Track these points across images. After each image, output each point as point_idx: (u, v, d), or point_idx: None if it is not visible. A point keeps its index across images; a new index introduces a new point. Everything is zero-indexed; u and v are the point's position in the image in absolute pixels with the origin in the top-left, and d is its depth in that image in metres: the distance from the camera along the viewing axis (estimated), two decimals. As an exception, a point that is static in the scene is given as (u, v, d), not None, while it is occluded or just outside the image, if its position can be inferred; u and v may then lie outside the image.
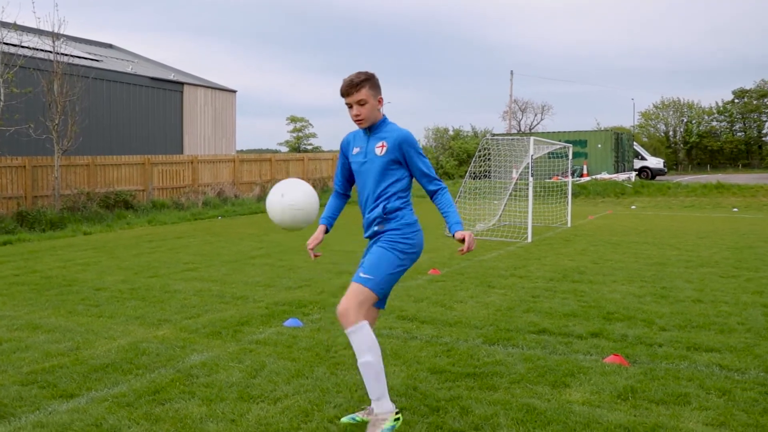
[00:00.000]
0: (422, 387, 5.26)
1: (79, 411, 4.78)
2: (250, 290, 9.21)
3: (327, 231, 4.73)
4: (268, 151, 70.53)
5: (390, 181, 4.37)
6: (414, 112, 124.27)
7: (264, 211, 23.40)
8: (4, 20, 19.94)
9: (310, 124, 76.29)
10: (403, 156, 4.35)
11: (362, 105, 4.31)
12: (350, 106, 4.34)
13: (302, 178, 26.96)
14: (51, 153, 20.65)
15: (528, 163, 16.82)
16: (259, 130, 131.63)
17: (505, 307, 8.14)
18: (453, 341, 6.59)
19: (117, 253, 13.35)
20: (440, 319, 7.49)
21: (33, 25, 21.51)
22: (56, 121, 20.30)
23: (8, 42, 20.05)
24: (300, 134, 75.24)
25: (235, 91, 34.07)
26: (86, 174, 21.67)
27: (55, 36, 20.96)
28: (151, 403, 4.88)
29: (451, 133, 44.18)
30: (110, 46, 37.05)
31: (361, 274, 4.23)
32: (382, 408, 4.17)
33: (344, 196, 4.83)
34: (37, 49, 21.14)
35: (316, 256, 4.73)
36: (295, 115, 76.49)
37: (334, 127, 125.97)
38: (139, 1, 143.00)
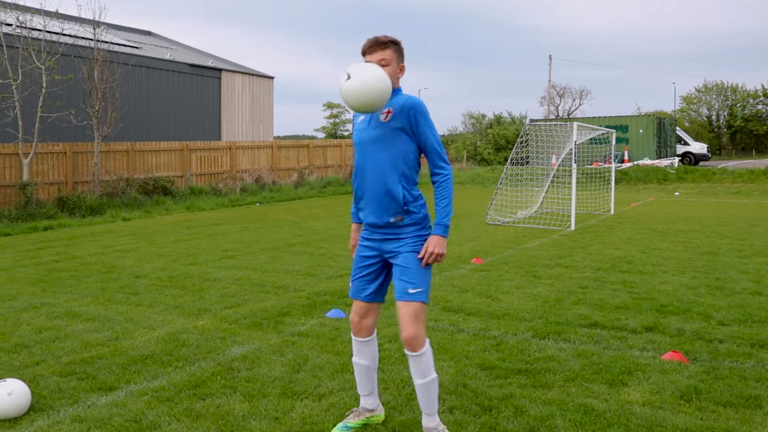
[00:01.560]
0: (472, 384, 5.02)
1: (118, 405, 4.64)
2: (290, 279, 9.03)
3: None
4: (305, 137, 70.57)
5: (395, 151, 3.91)
6: (449, 98, 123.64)
7: (301, 198, 23.36)
8: (46, 8, 20.01)
9: (347, 110, 76.01)
10: (410, 124, 3.91)
11: (384, 66, 3.92)
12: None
13: (340, 165, 26.69)
14: (91, 139, 20.72)
15: (571, 149, 16.41)
16: (296, 117, 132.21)
17: (553, 298, 7.85)
18: (501, 335, 6.34)
19: (156, 240, 13.30)
20: (486, 311, 7.24)
21: (74, 13, 21.58)
22: (96, 108, 20.34)
23: (50, 30, 20.11)
24: (336, 120, 75.10)
25: (272, 78, 33.96)
26: (125, 160, 21.73)
27: (95, 23, 20.99)
28: (191, 398, 4.72)
29: (490, 118, 43.61)
30: (149, 33, 37.16)
31: (410, 290, 3.86)
32: (437, 419, 4.05)
33: None
34: (78, 37, 21.19)
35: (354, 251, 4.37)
36: (332, 101, 76.38)
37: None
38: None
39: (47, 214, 17.64)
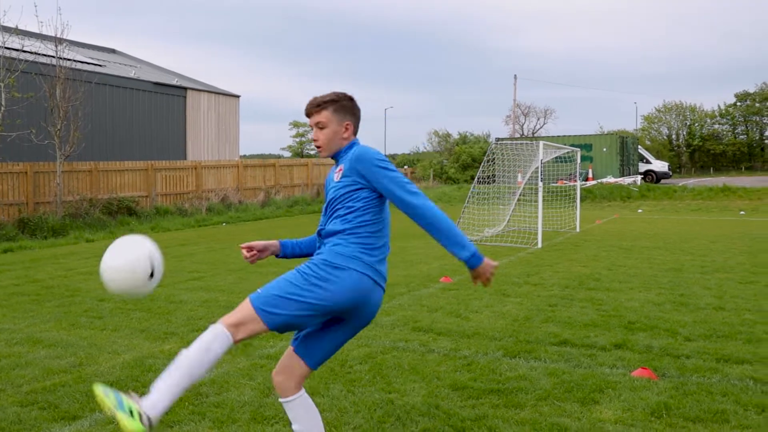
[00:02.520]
0: (444, 405, 4.99)
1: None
2: (258, 300, 8.93)
3: (278, 254, 3.95)
4: (271, 156, 70.32)
5: (347, 209, 3.49)
6: (417, 117, 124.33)
7: (268, 218, 23.21)
8: (5, 24, 19.71)
9: (312, 129, 75.97)
10: (363, 176, 3.45)
11: (321, 129, 3.62)
12: (312, 128, 3.71)
13: (306, 184, 26.60)
14: (53, 159, 20.40)
15: (537, 167, 16.56)
16: (262, 136, 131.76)
17: (522, 317, 7.87)
18: (472, 354, 6.32)
19: (120, 261, 13.06)
20: (457, 330, 7.22)
21: (35, 29, 21.27)
22: (58, 127, 20.05)
23: (10, 47, 19.82)
24: (303, 139, 74.98)
25: (238, 96, 33.85)
26: (89, 180, 21.43)
27: (57, 40, 20.73)
28: (159, 426, 4.62)
29: (455, 137, 43.86)
30: (113, 51, 36.85)
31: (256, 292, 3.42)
32: None
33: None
34: (40, 54, 20.91)
35: (251, 258, 3.91)
36: (298, 120, 76.26)
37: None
38: (144, 7, 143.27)
39: (7, 235, 17.29)
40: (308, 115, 3.68)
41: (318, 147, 3.68)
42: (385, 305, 8.49)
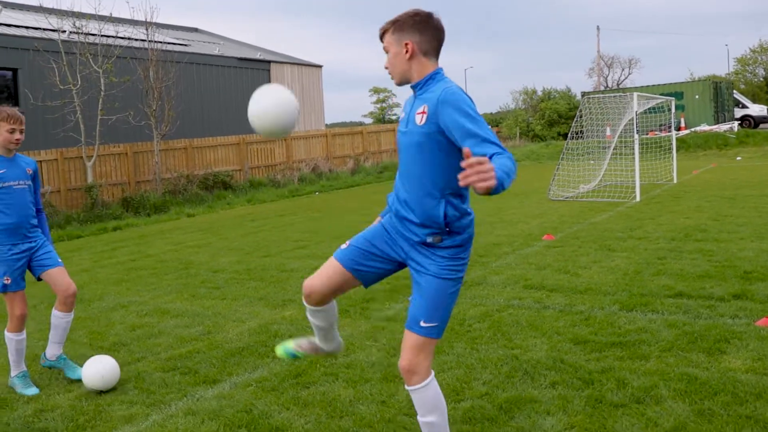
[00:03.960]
0: (569, 359, 5.04)
1: (225, 397, 4.78)
2: (366, 265, 9.10)
3: None
4: (353, 123, 70.76)
5: (436, 164, 3.17)
6: (496, 74, 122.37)
7: (359, 185, 23.47)
8: (100, 13, 20.41)
9: (394, 94, 75.88)
10: (444, 123, 3.09)
11: (387, 54, 3.36)
12: None
13: (394, 149, 26.70)
14: (150, 139, 21.14)
15: (631, 120, 16.15)
16: (343, 104, 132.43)
17: (632, 270, 7.78)
18: (588, 309, 6.33)
19: (224, 234, 13.55)
20: (568, 286, 7.22)
21: (127, 15, 21.95)
22: (153, 107, 20.74)
23: (105, 34, 20.53)
24: (384, 105, 75.06)
25: (320, 66, 34.12)
26: (184, 157, 22.12)
27: (148, 24, 21.35)
28: (295, 387, 4.84)
29: (539, 94, 43.07)
30: (196, 29, 37.61)
31: (423, 324, 3.24)
32: None
33: None
34: (132, 39, 21.58)
35: None
36: (378, 86, 76.33)
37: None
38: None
39: (113, 214, 18.08)
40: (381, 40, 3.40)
41: (390, 75, 3.37)
42: (493, 264, 8.55)
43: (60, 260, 5.43)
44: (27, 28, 24.62)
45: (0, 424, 4.61)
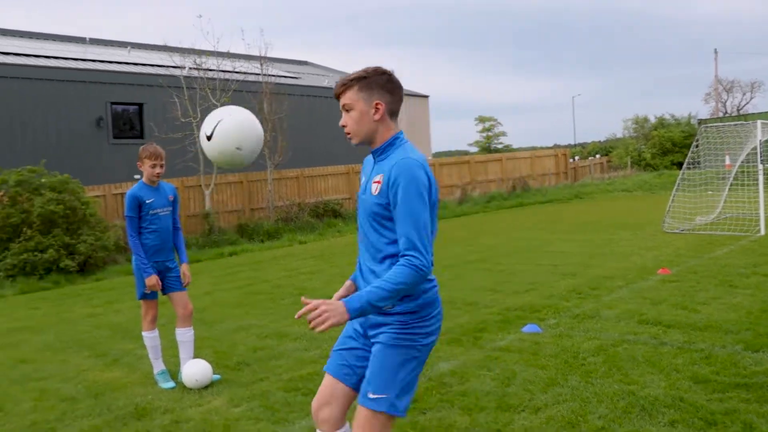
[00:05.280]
0: (689, 398, 4.94)
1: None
2: (477, 295, 9.16)
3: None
4: (458, 152, 70.92)
5: (392, 231, 3.06)
6: (604, 102, 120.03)
7: (466, 214, 23.51)
8: (219, 50, 21.49)
9: (499, 123, 75.73)
10: (393, 197, 3.01)
11: (347, 111, 3.15)
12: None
13: (502, 179, 26.57)
14: (264, 168, 21.94)
15: (754, 148, 15.55)
16: (448, 132, 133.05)
17: (757, 309, 7.49)
18: (709, 347, 6.16)
19: (335, 261, 13.89)
20: (686, 322, 7.04)
21: (242, 51, 22.98)
22: (267, 138, 21.55)
23: (223, 69, 21.57)
24: (489, 133, 74.92)
25: (427, 96, 34.55)
26: (296, 186, 22.82)
27: (262, 59, 22.29)
28: (412, 412, 4.96)
29: (653, 121, 41.93)
30: (305, 62, 38.88)
31: (371, 395, 3.05)
32: None
33: None
34: (248, 73, 22.56)
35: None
36: (483, 115, 76.32)
37: (525, 123, 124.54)
38: (330, 23, 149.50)
39: (229, 240, 18.83)
40: (337, 97, 3.19)
41: (347, 134, 3.18)
42: (605, 298, 8.44)
43: (183, 284, 6.24)
44: (152, 65, 26.20)
45: (143, 431, 4.96)
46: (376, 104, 3.09)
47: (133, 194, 5.97)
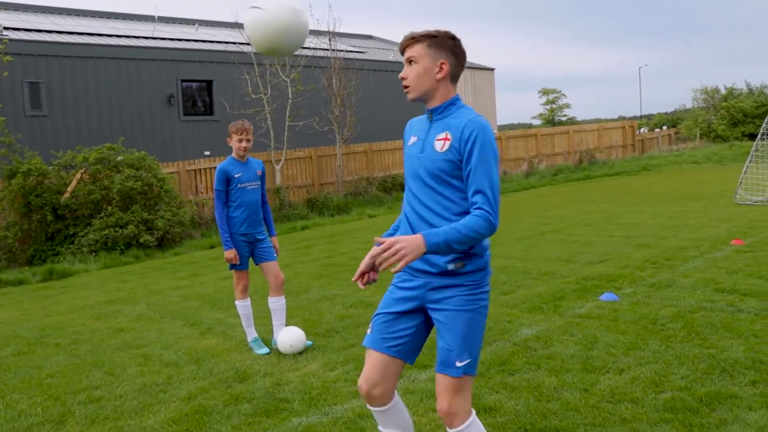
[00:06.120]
0: (768, 360, 5.15)
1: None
2: (553, 266, 9.42)
3: None
4: (521, 125, 70.38)
5: (458, 189, 3.12)
6: (672, 73, 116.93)
7: (534, 187, 23.55)
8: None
9: (564, 95, 74.79)
10: (466, 156, 3.06)
11: (411, 64, 3.17)
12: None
13: (569, 152, 26.49)
14: (333, 143, 22.41)
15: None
16: (512, 105, 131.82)
17: (834, 277, 7.59)
18: (786, 314, 6.33)
19: (407, 234, 14.19)
20: (762, 291, 7.18)
21: (312, 27, 23.35)
22: (336, 113, 21.96)
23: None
24: (553, 106, 74.10)
25: (492, 69, 34.47)
26: (364, 160, 23.23)
27: (331, 35, 22.64)
28: (502, 374, 5.30)
29: (723, 92, 40.88)
30: (370, 37, 39.09)
31: (458, 363, 3.10)
32: None
33: None
34: (317, 48, 22.97)
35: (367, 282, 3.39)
36: (547, 87, 75.49)
37: (591, 96, 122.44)
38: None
39: (300, 214, 19.38)
40: (402, 50, 3.22)
41: (405, 87, 3.20)
42: (680, 267, 8.61)
43: (275, 255, 6.61)
44: (221, 42, 26.82)
45: (247, 392, 5.41)
46: (441, 63, 3.15)
47: (223, 168, 6.26)
